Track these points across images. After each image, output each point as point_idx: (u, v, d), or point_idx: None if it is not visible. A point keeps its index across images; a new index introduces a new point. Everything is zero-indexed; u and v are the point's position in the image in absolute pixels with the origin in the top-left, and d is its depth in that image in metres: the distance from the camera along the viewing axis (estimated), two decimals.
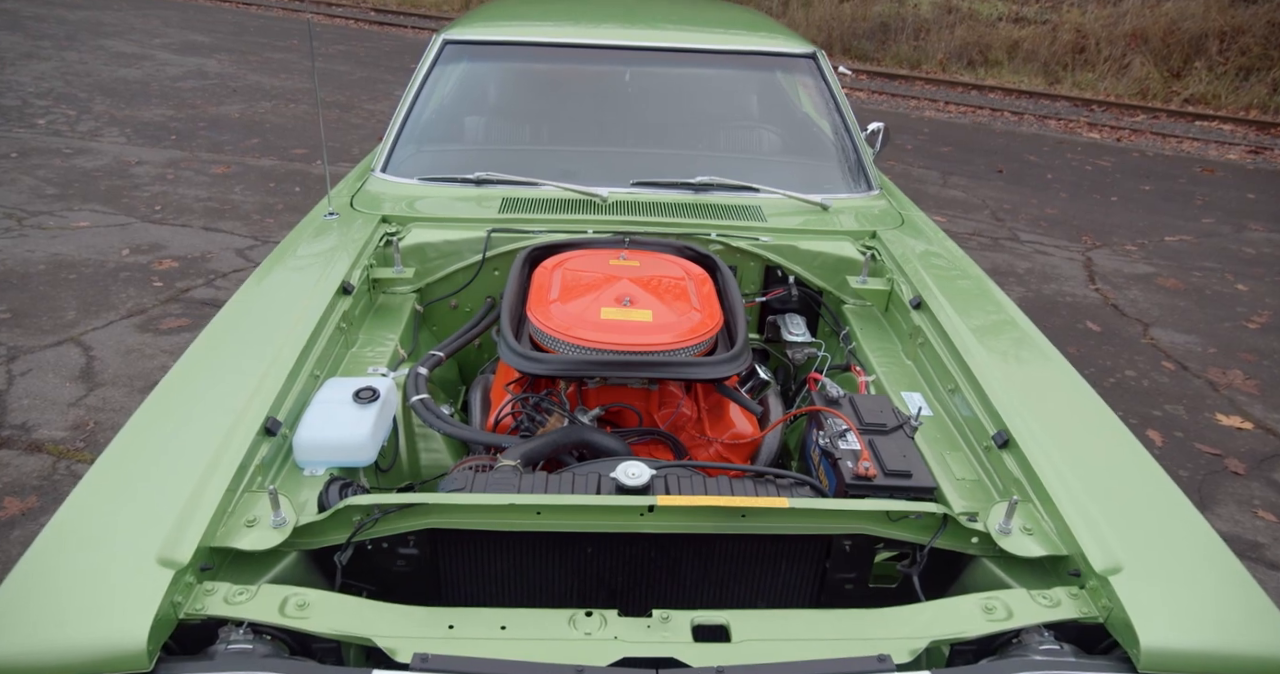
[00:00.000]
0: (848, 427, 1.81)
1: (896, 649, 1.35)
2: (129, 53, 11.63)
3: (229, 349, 1.90)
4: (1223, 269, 5.64)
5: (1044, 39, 13.61)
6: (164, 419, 1.67)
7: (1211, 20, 12.90)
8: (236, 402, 1.71)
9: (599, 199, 2.64)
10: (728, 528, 1.56)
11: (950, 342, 2.08)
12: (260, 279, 2.22)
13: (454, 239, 2.52)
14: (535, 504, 1.50)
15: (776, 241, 2.57)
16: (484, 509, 1.51)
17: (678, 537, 1.58)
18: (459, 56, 3.03)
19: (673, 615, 1.41)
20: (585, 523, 1.53)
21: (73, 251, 5.20)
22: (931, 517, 1.56)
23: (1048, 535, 1.56)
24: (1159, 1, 13.50)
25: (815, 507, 1.53)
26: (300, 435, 1.72)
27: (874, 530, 1.58)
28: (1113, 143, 9.22)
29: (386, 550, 1.57)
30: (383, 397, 1.84)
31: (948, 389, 2.04)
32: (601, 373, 1.88)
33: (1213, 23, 12.86)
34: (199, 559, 1.39)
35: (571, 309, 2.02)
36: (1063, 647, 1.40)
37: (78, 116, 8.30)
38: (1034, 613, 1.42)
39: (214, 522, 1.45)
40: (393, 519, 1.53)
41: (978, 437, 1.87)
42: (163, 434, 1.62)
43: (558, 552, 1.60)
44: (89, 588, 1.29)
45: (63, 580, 1.30)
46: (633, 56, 3.01)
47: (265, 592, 1.37)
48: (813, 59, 3.09)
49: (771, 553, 1.62)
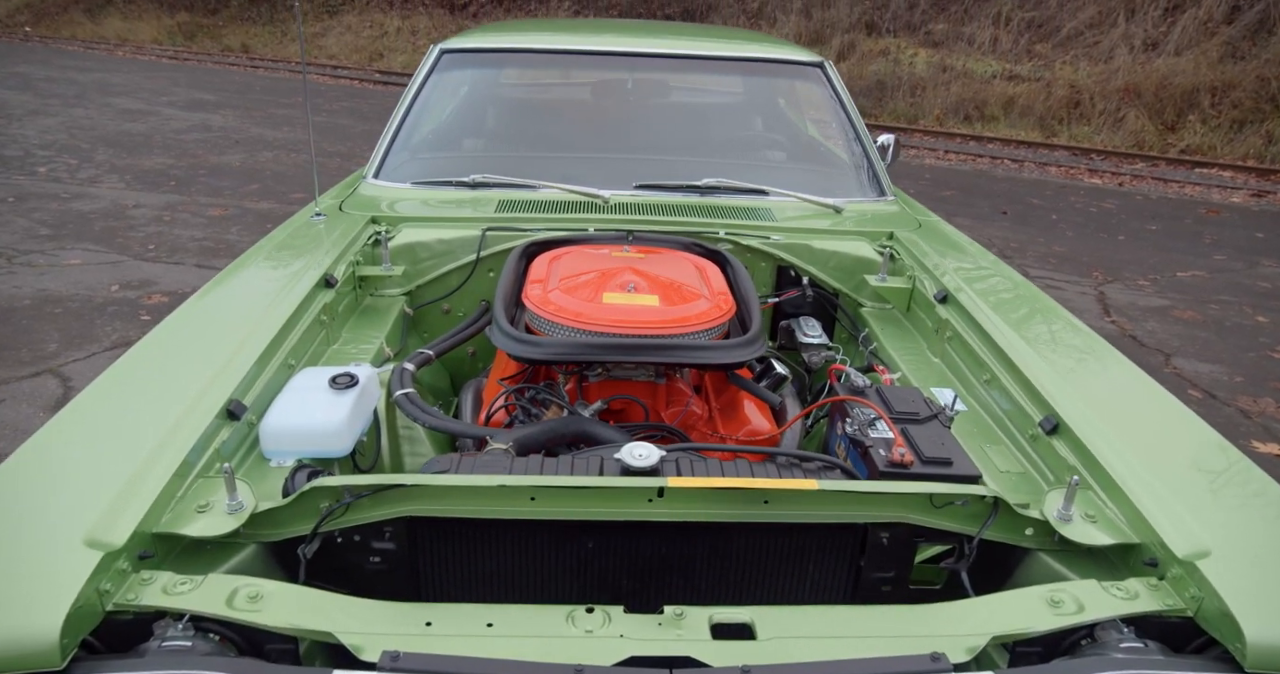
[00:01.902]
0: (878, 415, 1.63)
1: (951, 647, 1.15)
2: (135, 109, 11.77)
3: (193, 334, 1.73)
4: (1239, 302, 5.51)
5: (1038, 95, 13.81)
6: (111, 397, 1.49)
7: (1202, 75, 13.10)
8: (196, 382, 1.53)
9: (600, 200, 2.50)
10: (748, 515, 1.36)
11: (983, 330, 1.92)
12: (234, 271, 2.06)
13: (447, 238, 2.38)
14: (529, 485, 1.31)
15: (789, 241, 2.42)
16: (471, 492, 1.32)
17: (691, 528, 1.38)
18: (456, 65, 2.94)
19: (687, 612, 1.21)
20: (586, 509, 1.34)
21: (61, 287, 5.07)
22: (980, 503, 1.37)
23: (1114, 523, 1.37)
24: (1149, 58, 13.74)
25: (848, 489, 1.34)
26: (268, 422, 1.54)
27: (915, 519, 1.38)
28: (1115, 187, 9.21)
29: (358, 544, 1.38)
30: (362, 383, 1.67)
31: (983, 380, 1.87)
32: (602, 357, 1.71)
33: (1203, 78, 13.05)
34: (137, 545, 1.20)
35: (571, 294, 1.86)
36: (1147, 645, 1.19)
37: (79, 165, 8.30)
38: (1109, 606, 1.21)
39: (159, 505, 1.26)
40: (366, 506, 1.34)
41: (1021, 426, 1.69)
42: (108, 412, 1.44)
43: (554, 547, 1.41)
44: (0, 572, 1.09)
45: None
46: (635, 63, 2.92)
47: (212, 582, 1.18)
48: (820, 68, 3.01)
49: (798, 548, 1.42)
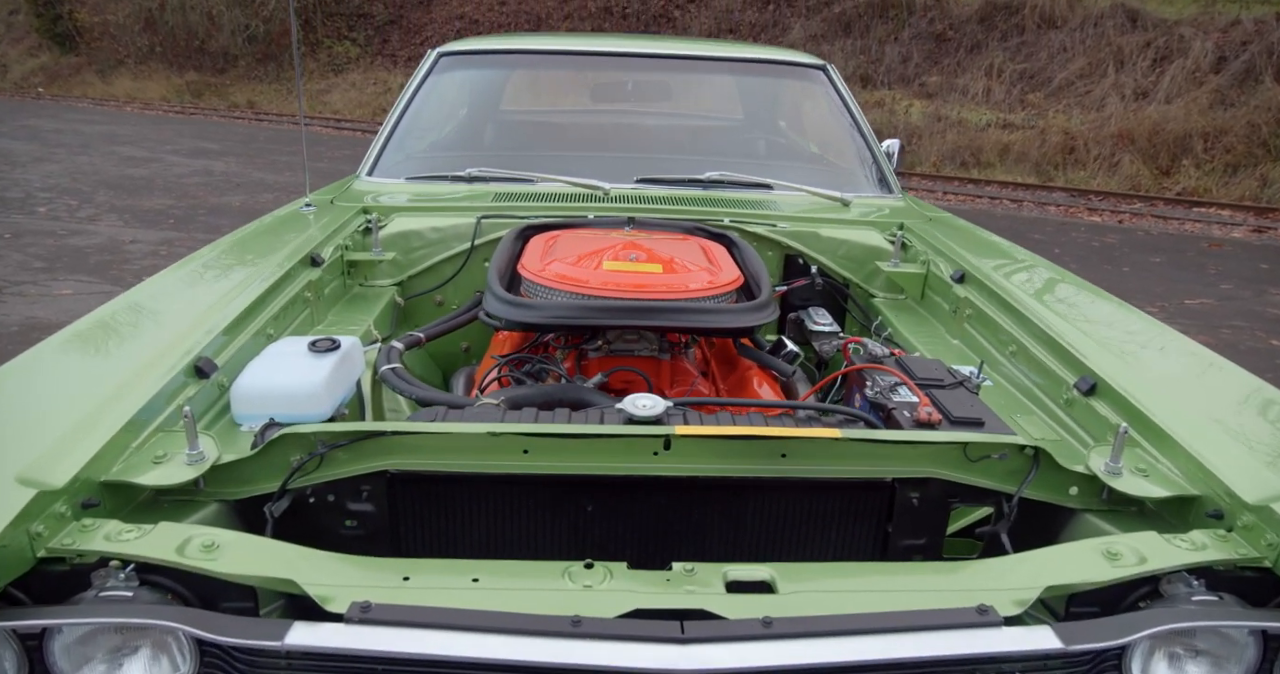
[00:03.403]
0: (900, 380, 1.51)
1: (998, 602, 1.01)
2: (139, 156, 11.88)
3: (165, 297, 1.63)
4: (1251, 327, 5.42)
5: (1033, 142, 13.97)
6: (70, 348, 1.38)
7: (1193, 122, 13.26)
8: (163, 336, 1.42)
9: (600, 191, 2.42)
10: (764, 471, 1.23)
11: (1005, 302, 1.81)
12: (213, 248, 1.98)
13: (440, 226, 2.29)
14: (523, 431, 1.18)
15: (796, 229, 2.33)
16: (458, 443, 1.20)
17: (700, 487, 1.25)
18: (453, 67, 2.90)
19: (699, 568, 1.07)
20: (585, 463, 1.21)
21: (49, 315, 4.98)
22: (1020, 456, 1.24)
23: (1168, 477, 1.24)
24: (1141, 106, 13.94)
25: (875, 437, 1.21)
26: (240, 383, 1.42)
27: (948, 474, 1.25)
28: (1115, 224, 9.22)
29: (333, 505, 1.24)
30: (345, 349, 1.55)
31: (1008, 353, 1.75)
32: (603, 320, 1.60)
33: (1195, 124, 13.21)
34: (80, 491, 1.07)
35: (571, 262, 1.76)
36: (1223, 598, 1.05)
37: (79, 205, 8.31)
38: (1174, 556, 1.08)
39: (109, 452, 1.13)
40: (342, 459, 1.21)
41: (1054, 393, 1.57)
42: (65, 360, 1.33)
43: (550, 511, 1.27)
44: None
45: None
46: (635, 64, 2.88)
47: (163, 530, 1.04)
48: (824, 70, 2.97)
49: (819, 510, 1.29)
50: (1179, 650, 1.06)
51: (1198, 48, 14.17)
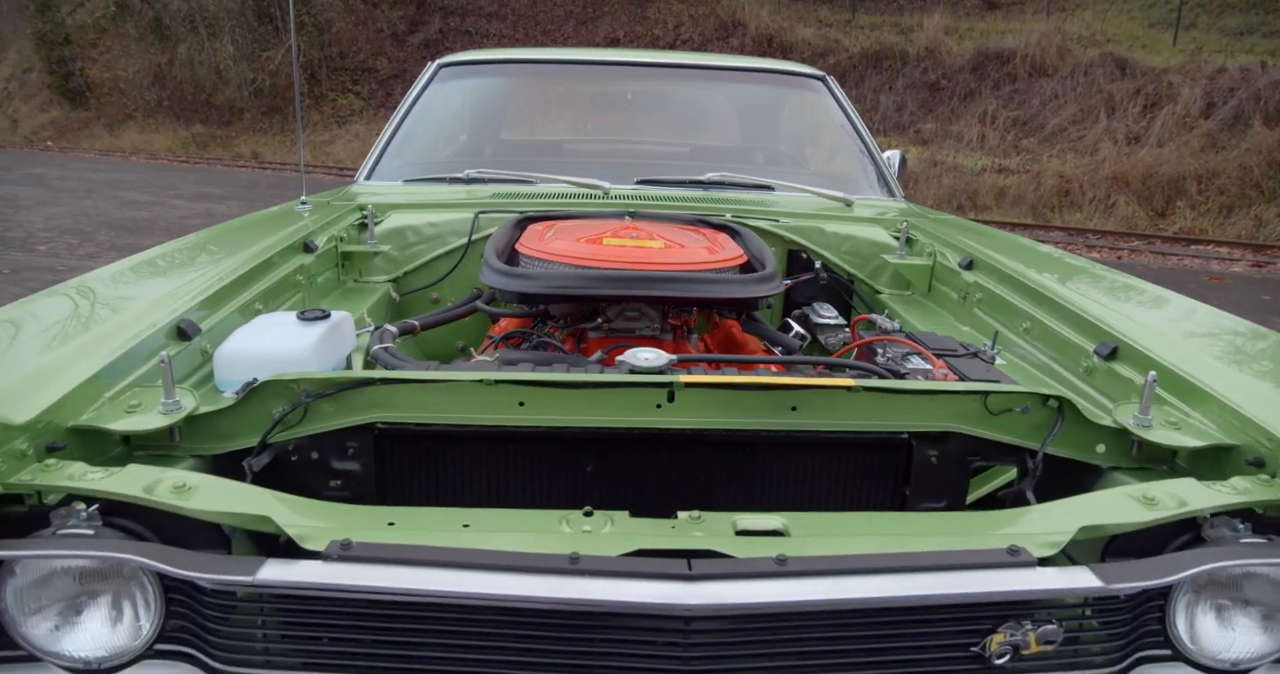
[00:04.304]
0: (913, 350, 1.46)
1: (1030, 544, 0.94)
2: (142, 200, 11.97)
3: (152, 269, 1.58)
4: None
5: (1029, 185, 14.10)
6: (47, 305, 1.32)
7: (1186, 164, 13.41)
8: (146, 300, 1.37)
9: (600, 190, 2.39)
10: (774, 424, 1.17)
11: (1016, 281, 1.76)
12: (198, 235, 1.94)
13: (437, 221, 2.25)
14: (519, 379, 1.12)
15: (799, 224, 2.30)
16: (450, 395, 1.13)
17: (706, 443, 1.18)
18: (453, 77, 2.90)
19: (706, 517, 1.00)
20: (584, 416, 1.15)
21: None
22: (1043, 408, 1.18)
23: (1201, 429, 1.17)
24: (1133, 150, 14.12)
25: (890, 386, 1.15)
26: (225, 347, 1.36)
27: (968, 429, 1.18)
28: (1114, 260, 9.24)
29: (316, 463, 1.17)
30: (335, 321, 1.50)
31: (1022, 330, 1.70)
32: (604, 290, 1.55)
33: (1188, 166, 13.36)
34: (44, 432, 1.00)
35: (570, 240, 1.72)
36: (1272, 539, 0.98)
37: (79, 243, 8.33)
38: (1216, 497, 1.01)
39: (79, 396, 1.07)
40: (327, 411, 1.14)
41: (1073, 364, 1.51)
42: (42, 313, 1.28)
43: (546, 472, 1.20)
44: None
45: None
46: (635, 73, 2.89)
47: (132, 471, 0.97)
48: (823, 81, 2.97)
49: (832, 470, 1.22)
50: (1226, 602, 0.99)
51: (1186, 94, 14.41)
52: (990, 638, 0.91)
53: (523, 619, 0.87)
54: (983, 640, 0.91)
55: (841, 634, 0.88)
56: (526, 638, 0.86)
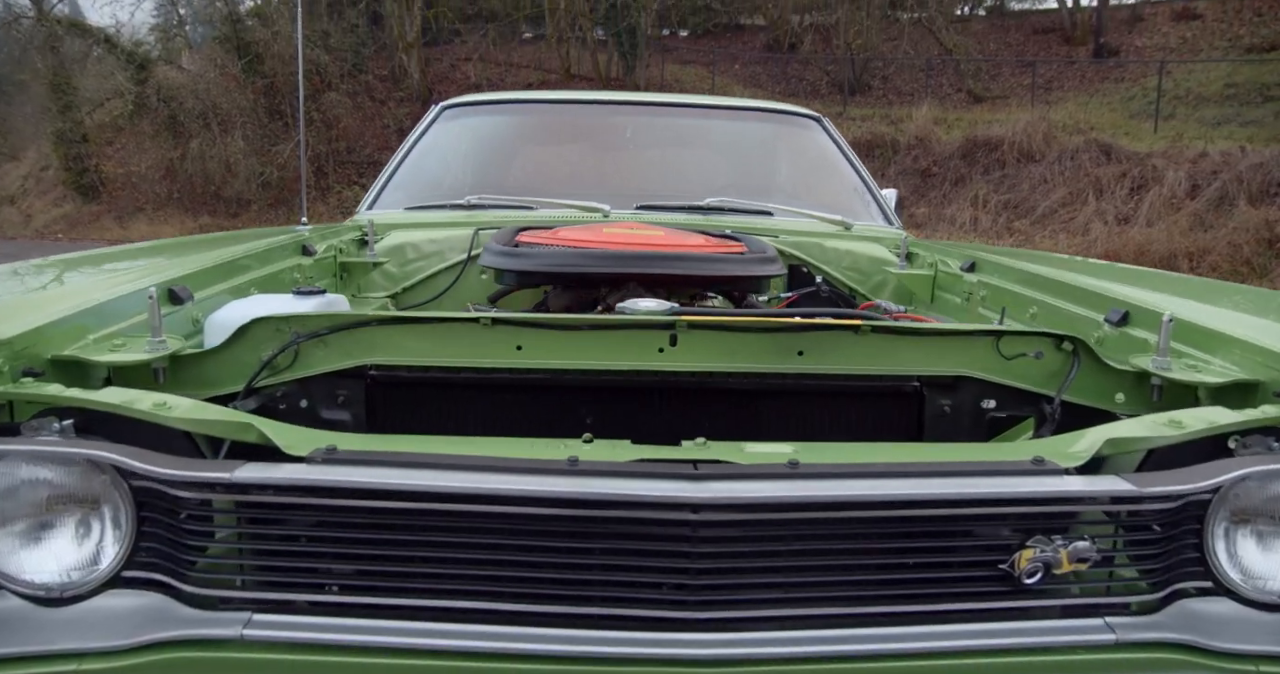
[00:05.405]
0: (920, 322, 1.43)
1: (1058, 457, 0.89)
2: None
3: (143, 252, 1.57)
4: None
5: None
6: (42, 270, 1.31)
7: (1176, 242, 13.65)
8: (141, 265, 1.35)
9: (601, 212, 2.41)
10: (780, 367, 1.13)
11: (1020, 273, 1.75)
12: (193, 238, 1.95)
13: (437, 238, 2.26)
14: (517, 318, 1.09)
15: (800, 240, 2.31)
16: (446, 338, 1.10)
17: (709, 392, 1.15)
18: (456, 117, 2.98)
19: (712, 445, 0.96)
20: (583, 360, 1.11)
21: None
22: (1058, 353, 1.15)
23: (1223, 371, 1.13)
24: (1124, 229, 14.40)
25: (901, 326, 1.12)
26: (217, 314, 1.34)
27: (981, 374, 1.15)
28: None
29: (305, 412, 1.13)
30: (330, 299, 1.48)
31: (1028, 317, 1.67)
32: (605, 268, 1.53)
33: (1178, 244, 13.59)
34: (21, 356, 0.97)
35: (572, 231, 1.72)
36: None
37: None
38: (1244, 418, 0.96)
39: (64, 331, 1.04)
40: (318, 355, 1.11)
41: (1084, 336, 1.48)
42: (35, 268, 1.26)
43: (544, 423, 1.16)
44: None
45: None
46: (635, 111, 2.96)
47: (110, 391, 0.94)
48: (818, 121, 3.05)
49: (840, 420, 1.17)
50: (1265, 528, 0.93)
51: (1171, 177, 14.80)
52: (1019, 554, 0.85)
53: (522, 526, 0.81)
54: (1011, 557, 0.85)
55: (855, 541, 0.82)
56: (527, 538, 0.80)
